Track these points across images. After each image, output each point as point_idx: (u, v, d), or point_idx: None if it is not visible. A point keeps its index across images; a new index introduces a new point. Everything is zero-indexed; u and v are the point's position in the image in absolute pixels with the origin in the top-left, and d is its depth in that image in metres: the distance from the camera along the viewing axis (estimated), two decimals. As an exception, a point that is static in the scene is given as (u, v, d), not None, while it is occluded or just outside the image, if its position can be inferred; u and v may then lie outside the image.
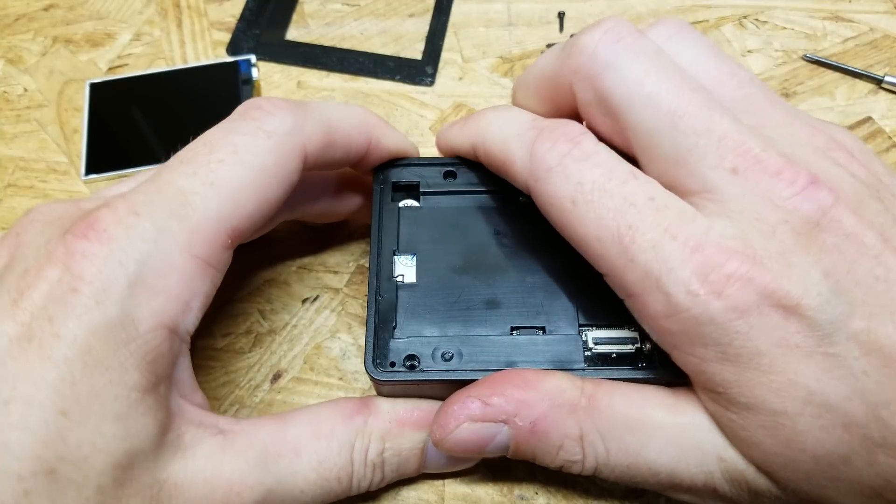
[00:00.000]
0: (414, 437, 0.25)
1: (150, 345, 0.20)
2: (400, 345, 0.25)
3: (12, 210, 0.37)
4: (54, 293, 0.19)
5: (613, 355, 0.25)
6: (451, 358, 0.25)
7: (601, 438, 0.22)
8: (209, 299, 0.23)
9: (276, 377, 0.32)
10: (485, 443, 0.23)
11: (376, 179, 0.29)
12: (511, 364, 0.25)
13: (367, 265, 0.34)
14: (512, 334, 0.26)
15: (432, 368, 0.25)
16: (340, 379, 0.32)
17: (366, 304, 0.33)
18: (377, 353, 0.25)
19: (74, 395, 0.19)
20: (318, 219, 0.33)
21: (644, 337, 0.26)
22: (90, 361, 0.19)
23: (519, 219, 0.28)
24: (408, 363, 0.25)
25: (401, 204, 0.29)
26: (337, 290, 0.34)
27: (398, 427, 0.25)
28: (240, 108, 0.24)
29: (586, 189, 0.21)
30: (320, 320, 0.33)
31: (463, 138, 0.27)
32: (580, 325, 0.26)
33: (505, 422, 0.22)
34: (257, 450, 0.23)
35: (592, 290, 0.26)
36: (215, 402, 0.31)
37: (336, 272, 0.34)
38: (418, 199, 0.29)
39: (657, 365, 0.25)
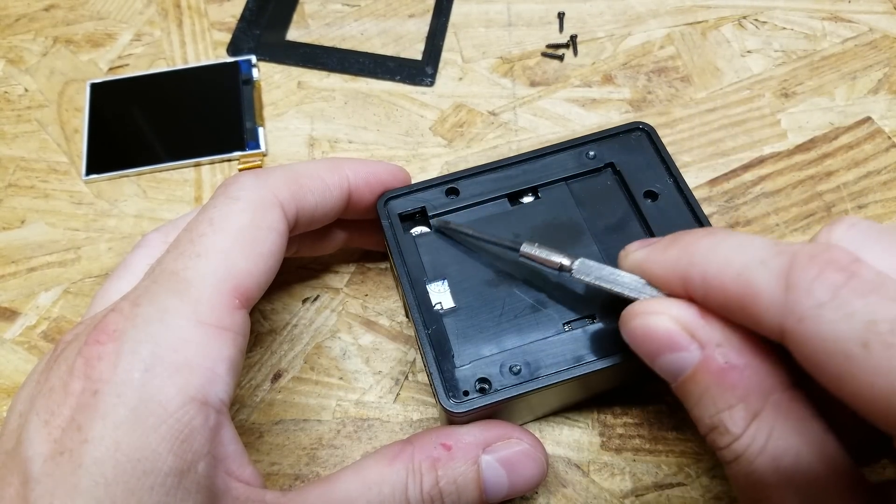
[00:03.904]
0: (465, 459, 0.25)
1: (181, 422, 0.20)
2: (465, 371, 0.25)
3: (13, 210, 0.37)
4: (80, 403, 0.20)
5: None
6: (520, 370, 0.25)
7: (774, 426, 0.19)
8: (237, 364, 0.22)
9: (277, 377, 0.32)
10: (666, 348, 0.21)
11: (382, 215, 0.29)
12: (579, 359, 0.25)
13: (368, 265, 0.35)
14: (566, 330, 0.26)
15: (505, 386, 0.24)
16: (341, 378, 0.32)
17: (366, 305, 0.33)
18: (447, 386, 0.25)
19: (109, 497, 0.19)
20: (308, 254, 0.33)
21: None
22: (121, 458, 0.19)
23: (529, 217, 0.29)
24: (479, 387, 0.25)
25: (414, 233, 0.29)
26: (337, 290, 0.34)
27: (445, 451, 0.24)
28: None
29: (884, 329, 0.17)
30: (321, 320, 0.33)
31: (667, 268, 0.22)
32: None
33: (703, 346, 0.20)
34: None
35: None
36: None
37: (336, 272, 0.35)
38: (429, 224, 0.29)
39: None
